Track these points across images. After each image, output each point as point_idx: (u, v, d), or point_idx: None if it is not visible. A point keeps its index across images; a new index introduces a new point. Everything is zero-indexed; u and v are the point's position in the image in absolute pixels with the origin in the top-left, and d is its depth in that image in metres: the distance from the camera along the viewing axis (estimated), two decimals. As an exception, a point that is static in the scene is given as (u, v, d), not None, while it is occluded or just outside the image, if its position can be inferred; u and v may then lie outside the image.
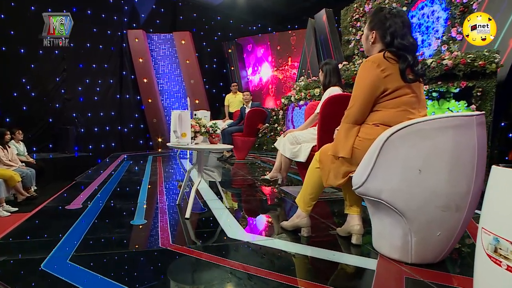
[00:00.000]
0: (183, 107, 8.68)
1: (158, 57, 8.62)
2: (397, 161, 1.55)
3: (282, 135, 3.27)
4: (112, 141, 8.17)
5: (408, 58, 1.63)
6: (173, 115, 2.30)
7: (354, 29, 6.42)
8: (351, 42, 6.48)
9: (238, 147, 5.67)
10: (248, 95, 5.78)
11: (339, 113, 2.90)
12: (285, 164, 3.19)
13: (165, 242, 1.85)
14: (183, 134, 2.33)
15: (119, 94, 8.32)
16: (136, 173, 4.21)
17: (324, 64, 3.22)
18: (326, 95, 3.04)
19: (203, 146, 2.36)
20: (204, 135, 2.56)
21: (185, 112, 2.33)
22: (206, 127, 2.57)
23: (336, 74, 3.15)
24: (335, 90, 3.05)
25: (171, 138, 2.37)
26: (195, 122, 2.49)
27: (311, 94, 4.37)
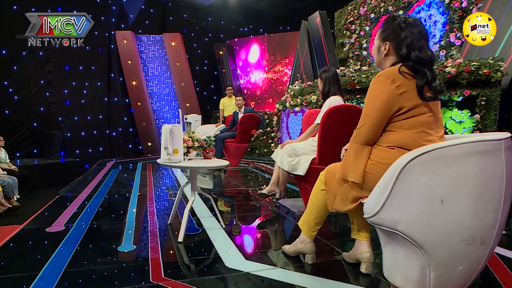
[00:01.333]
0: (173, 110, 8.44)
1: (148, 59, 8.36)
2: (417, 189, 1.38)
3: (280, 147, 3.09)
4: (100, 145, 7.87)
5: (426, 73, 1.47)
6: (164, 130, 2.09)
7: (349, 32, 6.29)
8: (345, 45, 6.34)
9: (230, 154, 5.49)
10: (240, 100, 5.58)
11: (340, 125, 2.74)
12: (283, 177, 3.01)
13: (157, 276, 1.65)
14: (175, 150, 2.12)
15: (107, 97, 8.02)
16: (125, 184, 3.97)
17: (322, 71, 3.06)
18: (327, 105, 2.88)
19: (196, 164, 2.16)
20: (197, 150, 2.36)
21: (177, 127, 2.13)
22: (200, 141, 2.37)
23: (336, 82, 3.00)
24: (335, 100, 2.88)
25: (162, 155, 2.17)
26: (188, 136, 2.29)
27: (308, 101, 4.20)
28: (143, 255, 1.91)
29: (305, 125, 3.36)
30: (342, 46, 6.56)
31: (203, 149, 2.40)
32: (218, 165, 2.15)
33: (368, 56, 5.80)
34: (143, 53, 8.32)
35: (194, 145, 2.30)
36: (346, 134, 2.80)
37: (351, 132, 2.80)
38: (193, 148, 2.30)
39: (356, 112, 2.66)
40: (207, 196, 2.39)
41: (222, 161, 2.32)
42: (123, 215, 2.69)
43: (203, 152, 2.42)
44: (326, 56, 6.43)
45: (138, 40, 8.28)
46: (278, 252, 2.02)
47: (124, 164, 5.87)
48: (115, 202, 3.16)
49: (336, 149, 2.85)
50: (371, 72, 3.90)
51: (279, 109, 5.02)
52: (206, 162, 2.29)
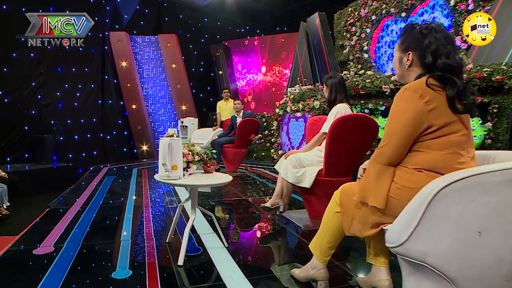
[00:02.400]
0: (169, 112, 8.22)
1: (143, 60, 8.12)
2: (450, 219, 1.22)
3: (283, 157, 2.92)
4: (94, 149, 7.61)
5: (456, 82, 1.30)
6: (161, 145, 1.91)
7: (349, 34, 6.14)
8: (345, 47, 6.20)
9: (229, 159, 5.32)
10: (239, 104, 5.41)
11: (349, 136, 2.58)
12: (287, 189, 2.85)
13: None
14: (174, 166, 1.94)
15: (101, 100, 7.75)
16: (119, 195, 3.78)
17: (328, 78, 2.89)
18: (334, 113, 2.72)
19: (198, 181, 1.98)
20: (197, 163, 2.18)
21: (175, 141, 1.95)
22: (200, 155, 2.19)
23: (342, 89, 2.84)
24: (343, 108, 2.73)
25: (160, 171, 1.98)
26: (187, 150, 2.11)
27: (310, 106, 4.03)
28: (140, 283, 1.72)
29: (309, 133, 3.20)
30: (342, 48, 6.41)
31: (204, 163, 2.23)
32: (221, 182, 1.97)
33: (369, 58, 5.66)
34: (138, 54, 8.10)
35: (195, 159, 2.12)
36: (354, 145, 2.67)
37: (359, 142, 2.66)
38: (193, 163, 2.12)
39: (366, 122, 2.51)
40: (208, 214, 2.21)
41: (224, 176, 2.14)
42: (118, 232, 2.50)
43: (204, 166, 2.24)
44: (325, 58, 6.27)
45: (132, 41, 8.05)
46: (287, 276, 1.85)
47: (119, 171, 5.66)
48: (109, 216, 2.97)
49: (343, 160, 2.70)
50: (376, 77, 3.75)
51: (279, 114, 4.85)
52: (207, 177, 2.12)
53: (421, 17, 4.65)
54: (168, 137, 1.99)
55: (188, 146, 2.15)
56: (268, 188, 4.39)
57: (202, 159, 2.20)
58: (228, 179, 2.06)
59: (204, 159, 2.21)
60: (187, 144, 2.15)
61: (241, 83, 9.12)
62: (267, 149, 7.25)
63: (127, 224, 2.70)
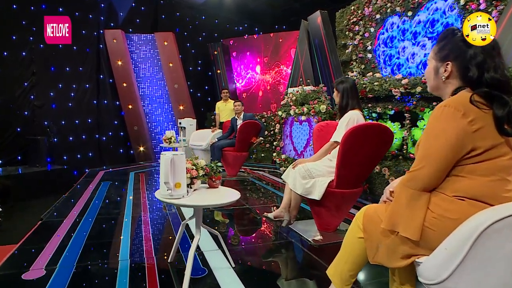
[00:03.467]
0: (166, 113, 8.01)
1: (139, 59, 7.87)
2: (502, 259, 1.06)
3: (291, 166, 2.76)
4: (89, 151, 7.38)
5: (507, 101, 1.14)
6: (163, 161, 1.73)
7: (352, 33, 5.96)
8: (348, 47, 6.02)
9: (229, 163, 5.15)
10: (239, 105, 5.23)
11: (363, 145, 2.41)
12: (296, 201, 2.68)
13: None
14: (177, 184, 1.76)
15: (96, 100, 7.52)
16: (116, 204, 3.59)
17: (339, 82, 2.72)
18: (345, 121, 2.55)
19: (203, 200, 1.80)
20: (202, 178, 2.00)
21: (179, 156, 1.77)
22: (205, 169, 2.01)
23: (354, 94, 2.67)
24: (355, 115, 2.56)
25: (161, 190, 1.80)
26: (191, 165, 1.93)
27: (316, 110, 3.86)
28: (141, 317, 1.55)
29: (317, 140, 3.03)
30: (344, 48, 6.22)
31: (209, 177, 2.05)
32: (229, 200, 1.80)
33: (373, 59, 5.49)
34: (134, 53, 7.85)
35: (199, 174, 1.94)
36: (368, 155, 2.50)
37: (373, 153, 2.50)
38: (197, 178, 1.94)
39: (382, 132, 2.35)
40: (215, 233, 2.04)
41: (231, 193, 1.97)
42: (115, 250, 2.31)
43: (209, 181, 2.07)
44: (328, 58, 6.09)
45: (128, 40, 7.81)
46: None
47: (115, 175, 5.46)
48: (105, 230, 2.78)
49: (356, 171, 2.55)
50: (385, 80, 3.59)
51: (282, 116, 4.67)
52: (213, 194, 1.94)
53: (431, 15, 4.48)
54: (168, 149, 1.81)
55: (192, 160, 1.97)
56: (270, 193, 4.23)
57: (206, 173, 2.02)
58: (235, 196, 1.88)
59: (209, 173, 2.04)
60: (191, 158, 1.97)
61: (240, 82, 8.91)
62: (267, 150, 7.09)
63: (125, 239, 2.51)
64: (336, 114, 4.02)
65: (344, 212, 2.75)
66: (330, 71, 6.07)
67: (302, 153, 4.27)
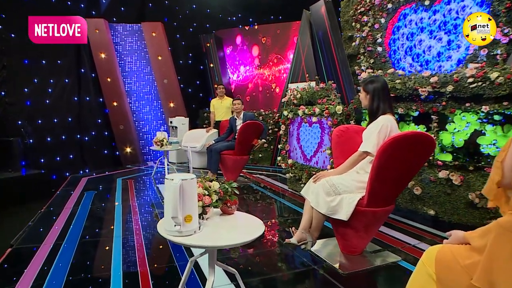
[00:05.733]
0: (155, 110, 7.59)
1: (124, 51, 7.39)
2: None
3: (312, 180, 2.43)
4: (70, 152, 6.88)
5: None
6: (170, 189, 1.36)
7: (359, 24, 5.63)
8: (355, 39, 5.68)
9: (228, 168, 4.80)
10: (239, 104, 4.87)
11: (403, 159, 2.08)
12: (318, 221, 2.36)
13: None
14: (187, 217, 1.40)
15: (77, 96, 7.00)
16: (102, 221, 3.19)
17: (369, 82, 2.39)
18: (377, 128, 2.24)
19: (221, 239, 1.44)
20: (216, 205, 1.64)
21: (188, 181, 1.40)
22: (219, 192, 1.65)
23: (387, 96, 2.36)
24: (388, 121, 2.25)
25: (166, 223, 1.43)
26: (202, 189, 1.57)
27: (331, 111, 3.53)
28: None
29: (336, 147, 2.71)
30: (350, 40, 5.89)
31: (223, 202, 1.69)
32: (252, 236, 1.44)
33: (383, 52, 5.18)
34: (119, 45, 7.36)
35: (213, 199, 1.58)
36: (406, 168, 2.19)
37: (413, 165, 2.18)
38: (211, 206, 1.58)
39: (424, 142, 2.03)
40: (231, 271, 1.68)
41: (254, 223, 1.61)
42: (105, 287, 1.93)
43: (223, 206, 1.71)
44: (333, 51, 5.79)
45: (112, 30, 7.30)
46: None
47: (100, 182, 5.02)
48: (91, 260, 2.38)
49: (391, 186, 2.22)
50: (409, 78, 3.28)
51: (288, 116, 4.32)
52: (231, 227, 1.58)
53: (447, 5, 4.19)
54: (175, 175, 1.44)
55: (202, 182, 1.61)
56: (274, 203, 3.90)
57: (220, 198, 1.66)
58: (258, 229, 1.53)
59: (223, 197, 1.68)
60: (201, 180, 1.61)
61: (234, 77, 8.52)
62: (265, 150, 6.76)
63: (116, 273, 2.12)
64: (350, 115, 3.71)
65: (373, 232, 2.45)
66: (336, 66, 5.77)
67: (311, 158, 3.95)
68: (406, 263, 2.30)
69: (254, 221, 1.65)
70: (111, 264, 2.22)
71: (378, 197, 2.21)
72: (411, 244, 2.63)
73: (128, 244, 2.58)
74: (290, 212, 3.59)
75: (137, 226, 3.01)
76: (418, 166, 2.22)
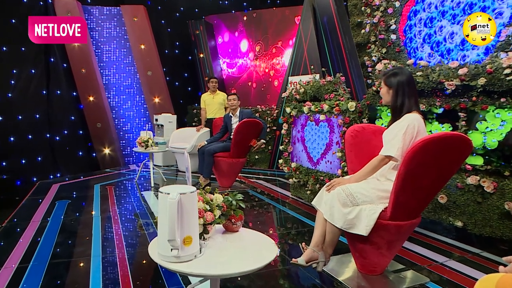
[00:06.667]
0: (137, 106, 7.48)
1: (101, 39, 7.24)
2: None
3: (325, 188, 2.33)
4: (37, 154, 6.66)
5: None
6: (166, 206, 1.23)
7: (369, 9, 5.56)
8: (364, 26, 5.62)
9: (222, 172, 4.74)
10: (235, 99, 4.78)
11: (435, 164, 1.99)
12: (332, 236, 2.27)
13: None
14: (187, 239, 1.28)
15: (45, 89, 6.79)
16: (77, 236, 3.04)
17: (391, 74, 2.31)
18: (402, 128, 2.18)
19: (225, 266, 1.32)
20: (219, 221, 1.53)
21: (188, 195, 1.28)
22: (222, 206, 1.54)
23: (413, 92, 2.29)
24: (416, 121, 2.18)
25: (159, 248, 1.31)
26: (203, 203, 1.45)
27: (342, 108, 3.43)
28: None
29: (352, 149, 2.62)
30: (358, 27, 5.83)
31: (227, 219, 1.58)
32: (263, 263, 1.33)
33: (397, 40, 5.12)
34: (95, 31, 7.20)
35: (216, 216, 1.47)
36: (438, 175, 2.10)
37: (445, 171, 2.09)
38: (213, 223, 1.46)
39: (460, 145, 1.95)
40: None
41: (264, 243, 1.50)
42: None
43: (227, 223, 1.60)
44: (340, 40, 5.72)
45: (87, 13, 7.13)
46: None
47: (74, 189, 4.87)
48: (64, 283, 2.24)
49: (420, 197, 2.13)
50: (432, 69, 3.19)
51: (291, 114, 4.22)
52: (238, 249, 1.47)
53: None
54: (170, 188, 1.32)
55: (202, 194, 1.49)
56: (274, 211, 3.80)
57: (224, 213, 1.55)
58: (271, 251, 1.42)
59: (226, 212, 1.56)
60: (201, 193, 1.49)
61: (225, 67, 8.41)
62: (262, 151, 6.67)
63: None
64: (363, 113, 3.62)
65: (397, 249, 2.36)
66: (343, 56, 5.70)
67: (318, 161, 3.86)
68: (436, 285, 2.21)
69: (263, 240, 1.54)
70: (89, 281, 2.09)
71: (403, 209, 2.12)
72: (439, 261, 2.55)
73: (109, 264, 2.45)
74: (293, 223, 3.52)
75: (119, 241, 2.87)
76: (451, 173, 2.13)
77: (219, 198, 1.52)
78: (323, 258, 2.27)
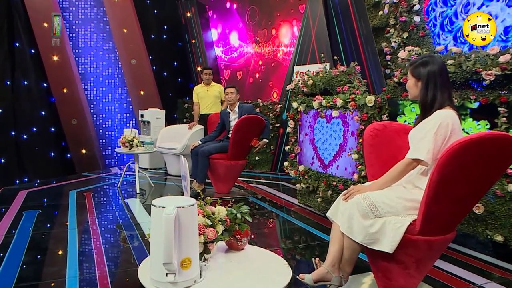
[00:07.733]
0: (119, 100, 7.55)
1: (76, 21, 7.28)
2: None
3: (341, 196, 2.32)
4: (1, 155, 6.66)
5: None
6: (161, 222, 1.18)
7: (388, -14, 5.55)
8: (383, 6, 5.57)
9: (219, 176, 4.84)
10: (233, 93, 4.91)
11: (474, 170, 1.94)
12: (351, 253, 2.26)
13: None
14: (185, 261, 1.22)
15: (9, 79, 6.77)
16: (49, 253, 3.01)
17: (420, 64, 2.30)
18: (433, 127, 2.17)
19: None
20: (223, 238, 1.49)
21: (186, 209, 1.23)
22: (226, 220, 1.50)
23: (446, 84, 2.29)
24: (449, 118, 2.17)
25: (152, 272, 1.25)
26: (204, 217, 1.40)
27: (358, 103, 3.40)
28: None
29: (371, 151, 2.63)
30: (375, 9, 5.79)
31: (231, 235, 1.53)
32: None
33: (421, 23, 5.08)
34: (69, 11, 7.24)
35: (219, 232, 1.42)
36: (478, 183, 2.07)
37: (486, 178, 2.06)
38: (215, 241, 1.42)
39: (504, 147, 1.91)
40: None
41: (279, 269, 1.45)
42: None
43: (231, 240, 1.55)
44: (354, 23, 5.75)
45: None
46: None
47: (45, 196, 4.85)
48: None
49: (455, 208, 2.11)
50: (466, 57, 3.17)
51: (298, 109, 4.20)
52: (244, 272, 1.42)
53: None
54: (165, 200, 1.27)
55: (202, 207, 1.44)
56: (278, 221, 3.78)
57: (227, 228, 1.50)
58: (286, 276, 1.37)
59: (230, 227, 1.52)
60: (200, 205, 1.44)
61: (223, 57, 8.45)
62: (263, 151, 6.71)
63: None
64: (382, 108, 3.60)
65: (427, 269, 2.34)
66: (358, 43, 5.72)
67: (330, 164, 3.84)
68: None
69: (273, 260, 1.50)
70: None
71: (436, 222, 2.09)
72: (477, 284, 2.53)
73: (88, 286, 2.39)
74: (301, 235, 3.55)
75: (100, 258, 2.84)
76: (493, 180, 2.11)
77: (222, 212, 1.47)
78: (337, 281, 2.22)
